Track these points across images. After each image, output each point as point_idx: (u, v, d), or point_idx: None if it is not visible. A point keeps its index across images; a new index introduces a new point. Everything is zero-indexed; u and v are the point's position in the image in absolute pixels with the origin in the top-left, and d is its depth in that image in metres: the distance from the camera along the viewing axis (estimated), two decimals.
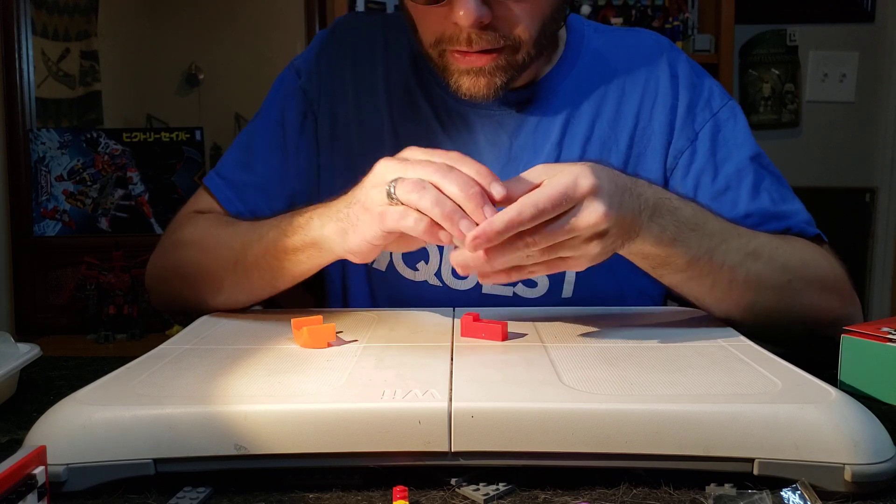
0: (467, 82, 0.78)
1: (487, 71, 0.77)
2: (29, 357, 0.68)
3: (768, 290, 0.73)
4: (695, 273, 0.70)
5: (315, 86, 0.92)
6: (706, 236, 0.69)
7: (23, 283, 2.39)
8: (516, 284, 0.86)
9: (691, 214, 0.69)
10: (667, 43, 0.92)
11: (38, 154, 2.38)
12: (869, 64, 2.56)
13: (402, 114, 0.90)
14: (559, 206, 0.58)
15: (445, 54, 0.78)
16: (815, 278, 0.77)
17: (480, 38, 0.75)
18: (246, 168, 0.90)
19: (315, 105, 0.92)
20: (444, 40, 0.77)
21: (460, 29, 0.74)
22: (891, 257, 2.58)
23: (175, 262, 0.85)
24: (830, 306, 0.78)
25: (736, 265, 0.71)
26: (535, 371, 0.56)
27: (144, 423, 0.48)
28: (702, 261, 0.69)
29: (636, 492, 0.48)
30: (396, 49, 0.92)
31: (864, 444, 0.47)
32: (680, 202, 0.69)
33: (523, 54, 0.78)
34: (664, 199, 0.67)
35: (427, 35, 0.79)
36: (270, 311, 0.84)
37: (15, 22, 2.40)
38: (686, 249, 0.68)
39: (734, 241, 0.72)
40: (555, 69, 0.89)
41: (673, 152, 0.87)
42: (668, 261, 0.68)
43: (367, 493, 0.48)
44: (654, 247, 0.66)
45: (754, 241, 0.74)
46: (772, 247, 0.75)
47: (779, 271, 0.74)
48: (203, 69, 2.90)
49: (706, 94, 0.88)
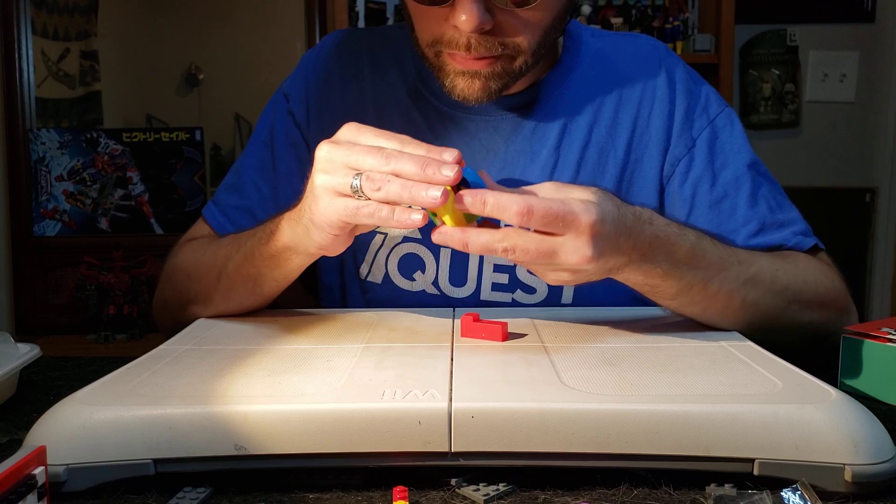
0: (462, 84, 0.78)
1: (483, 75, 0.77)
2: (29, 357, 0.68)
3: (766, 313, 0.73)
4: (685, 301, 0.70)
5: (303, 109, 0.92)
6: (702, 268, 0.68)
7: (23, 283, 2.39)
8: (515, 290, 0.86)
9: (689, 249, 0.67)
10: (664, 48, 0.92)
11: (38, 154, 2.38)
12: (869, 64, 2.56)
13: (392, 127, 0.89)
14: (549, 224, 0.58)
15: (442, 55, 0.78)
16: (813, 298, 0.76)
17: (479, 44, 0.74)
18: (236, 191, 0.91)
19: (304, 128, 0.92)
20: (443, 42, 0.76)
21: (460, 33, 0.74)
22: (891, 257, 2.58)
23: (173, 287, 0.86)
24: (827, 322, 0.78)
25: (732, 291, 0.70)
26: (535, 371, 0.56)
27: (144, 424, 0.48)
28: (695, 289, 0.68)
29: (636, 492, 0.48)
30: (385, 65, 0.92)
31: (865, 445, 0.47)
32: (679, 237, 0.67)
33: (521, 63, 0.78)
34: (661, 237, 0.66)
35: (425, 35, 0.78)
36: (270, 312, 0.84)
37: (15, 22, 2.40)
38: (676, 281, 0.67)
39: (733, 270, 0.71)
40: (553, 74, 0.88)
41: (670, 159, 0.86)
42: (656, 291, 0.68)
43: (367, 494, 0.48)
44: (641, 278, 0.66)
45: (754, 266, 0.73)
46: (772, 270, 0.74)
47: (778, 296, 0.73)
48: (203, 69, 2.90)
49: (703, 101, 0.88)
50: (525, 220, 0.57)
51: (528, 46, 0.76)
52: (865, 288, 2.59)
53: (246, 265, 0.76)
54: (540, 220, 0.58)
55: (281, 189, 0.90)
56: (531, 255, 0.59)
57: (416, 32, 0.80)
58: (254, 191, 0.91)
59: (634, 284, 0.68)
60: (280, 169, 0.91)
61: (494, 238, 0.59)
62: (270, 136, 0.92)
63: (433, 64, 0.80)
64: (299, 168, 0.91)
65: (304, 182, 0.91)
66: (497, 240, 0.59)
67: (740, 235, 0.81)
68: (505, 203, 0.57)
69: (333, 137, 0.65)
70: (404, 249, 0.87)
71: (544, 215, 0.57)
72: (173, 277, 0.86)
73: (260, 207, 0.90)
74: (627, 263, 0.64)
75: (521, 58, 0.77)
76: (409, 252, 0.87)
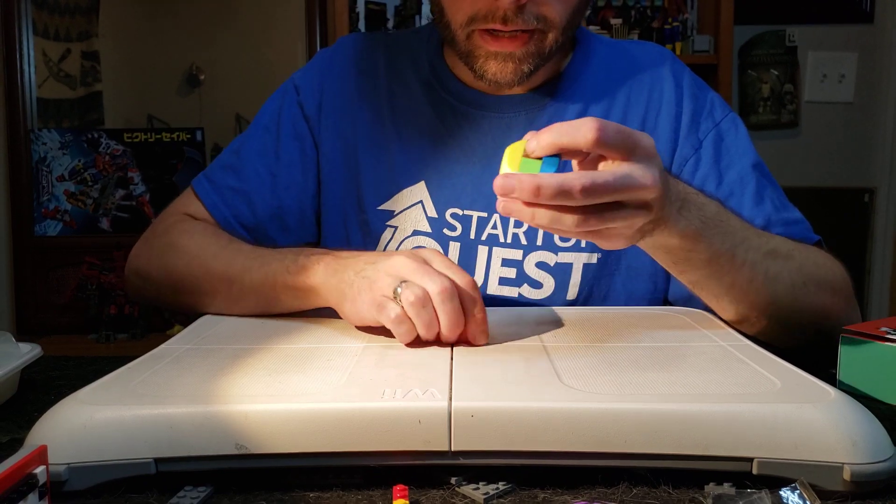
0: (494, 66, 0.80)
1: (517, 56, 0.79)
2: (30, 357, 0.68)
3: (786, 289, 0.73)
4: (715, 270, 0.69)
5: (315, 104, 0.92)
6: (728, 234, 0.69)
7: (24, 283, 2.39)
8: (522, 285, 0.87)
9: (715, 212, 0.68)
10: (670, 55, 0.94)
11: (40, 154, 2.38)
12: (868, 64, 2.56)
13: (407, 124, 0.90)
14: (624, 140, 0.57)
15: (474, 35, 0.79)
16: (826, 281, 0.77)
17: (515, 17, 0.76)
18: (233, 172, 0.91)
19: (313, 123, 0.92)
20: (478, 19, 0.78)
21: (497, 7, 0.76)
22: (890, 257, 2.58)
23: (165, 266, 0.85)
24: (839, 309, 0.79)
25: (756, 263, 0.71)
26: (535, 371, 0.56)
27: (145, 423, 0.48)
28: (723, 257, 0.68)
29: (636, 491, 0.48)
30: (400, 65, 0.93)
31: (863, 444, 0.47)
32: (705, 199, 0.69)
33: (552, 40, 0.80)
34: (691, 193, 0.67)
35: (459, 14, 0.79)
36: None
37: (16, 22, 2.40)
38: (708, 245, 0.67)
39: (754, 240, 0.72)
40: (565, 73, 0.90)
41: (678, 160, 0.88)
42: (691, 255, 0.68)
43: (367, 493, 0.48)
44: (678, 239, 0.66)
45: (772, 241, 0.74)
46: (787, 248, 0.75)
47: (795, 272, 0.74)
48: (204, 69, 2.90)
49: (708, 106, 0.90)
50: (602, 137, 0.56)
51: (560, 21, 0.79)
52: (864, 288, 2.59)
53: (266, 286, 0.76)
54: (614, 135, 0.56)
55: (280, 178, 0.91)
56: (610, 187, 0.56)
57: (449, 15, 0.81)
58: (253, 175, 0.91)
59: (670, 251, 0.67)
60: (282, 158, 0.91)
61: (569, 178, 0.54)
62: (276, 124, 0.92)
63: (464, 48, 0.81)
64: (301, 160, 0.92)
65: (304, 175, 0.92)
66: (572, 178, 0.54)
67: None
68: (576, 124, 0.56)
69: (421, 252, 0.67)
70: (414, 242, 0.88)
71: (618, 131, 0.56)
72: (172, 256, 0.85)
73: (257, 193, 0.90)
74: (670, 214, 0.63)
75: (553, 34, 0.80)
76: (419, 245, 0.88)
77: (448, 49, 0.91)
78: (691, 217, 0.66)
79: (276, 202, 0.91)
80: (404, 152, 0.90)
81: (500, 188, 0.56)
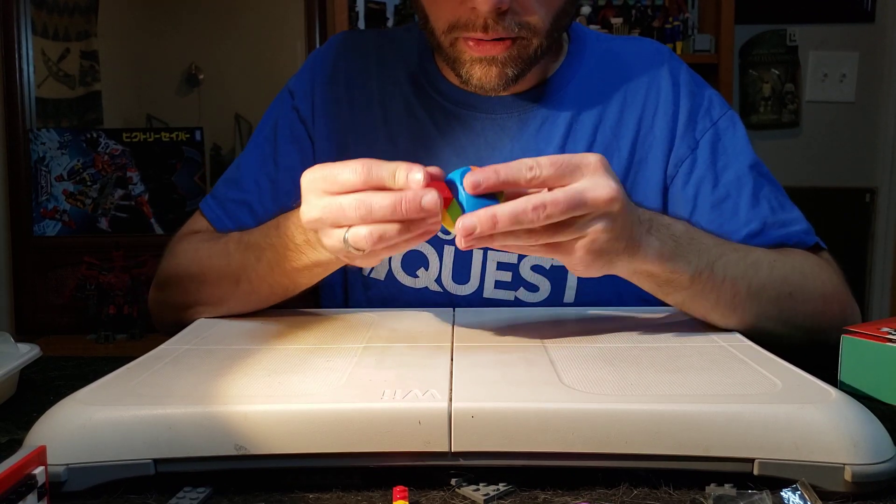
0: (479, 72, 0.79)
1: (500, 61, 0.78)
2: (29, 357, 0.68)
3: (771, 301, 0.73)
4: (698, 289, 0.69)
5: (308, 105, 0.92)
6: (703, 251, 0.69)
7: (23, 283, 2.39)
8: (518, 288, 0.86)
9: (684, 230, 0.69)
10: (667, 52, 0.93)
11: (38, 154, 2.38)
12: (869, 64, 2.56)
13: (399, 125, 0.90)
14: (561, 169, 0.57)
15: (458, 42, 0.79)
16: (814, 289, 0.77)
17: (497, 24, 0.75)
18: (235, 185, 0.91)
19: (309, 125, 0.92)
20: (459, 26, 0.77)
21: (477, 15, 0.75)
22: (891, 257, 2.58)
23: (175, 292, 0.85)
24: (831, 316, 0.78)
25: (738, 277, 0.71)
26: (535, 371, 0.56)
27: (144, 423, 0.48)
28: (704, 274, 0.68)
29: (636, 492, 0.48)
30: (391, 64, 0.92)
31: (864, 445, 0.47)
32: (671, 219, 0.69)
33: (536, 45, 0.79)
34: (656, 215, 0.67)
35: (440, 21, 0.79)
36: (271, 312, 0.84)
37: (15, 22, 2.40)
38: (687, 264, 0.67)
39: (732, 255, 0.71)
40: (558, 73, 0.89)
41: (674, 160, 0.87)
42: (672, 277, 0.68)
43: (367, 493, 0.48)
44: (656, 263, 0.66)
45: (752, 254, 0.74)
46: (769, 260, 0.75)
47: (779, 283, 0.74)
48: (203, 69, 2.90)
49: (706, 104, 0.89)
50: (536, 171, 0.57)
51: (543, 26, 0.78)
52: (865, 288, 2.59)
53: (273, 275, 0.76)
54: (549, 167, 0.57)
55: (281, 184, 0.91)
56: (561, 205, 0.57)
57: (432, 21, 0.80)
58: (253, 185, 0.91)
59: (651, 276, 0.67)
60: (281, 164, 0.91)
61: (519, 204, 0.56)
62: (273, 132, 0.93)
63: (449, 54, 0.81)
64: (302, 164, 0.91)
65: None
66: (523, 202, 0.56)
67: (742, 235, 0.82)
68: (514, 165, 0.57)
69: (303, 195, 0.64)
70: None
71: (552, 163, 0.57)
72: (178, 280, 0.85)
73: (258, 202, 0.90)
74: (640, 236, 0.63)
75: (537, 39, 0.78)
76: (413, 249, 0.87)
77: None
78: (663, 237, 0.66)
79: (277, 208, 0.91)
80: (395, 153, 0.89)
81: (462, 231, 0.57)
